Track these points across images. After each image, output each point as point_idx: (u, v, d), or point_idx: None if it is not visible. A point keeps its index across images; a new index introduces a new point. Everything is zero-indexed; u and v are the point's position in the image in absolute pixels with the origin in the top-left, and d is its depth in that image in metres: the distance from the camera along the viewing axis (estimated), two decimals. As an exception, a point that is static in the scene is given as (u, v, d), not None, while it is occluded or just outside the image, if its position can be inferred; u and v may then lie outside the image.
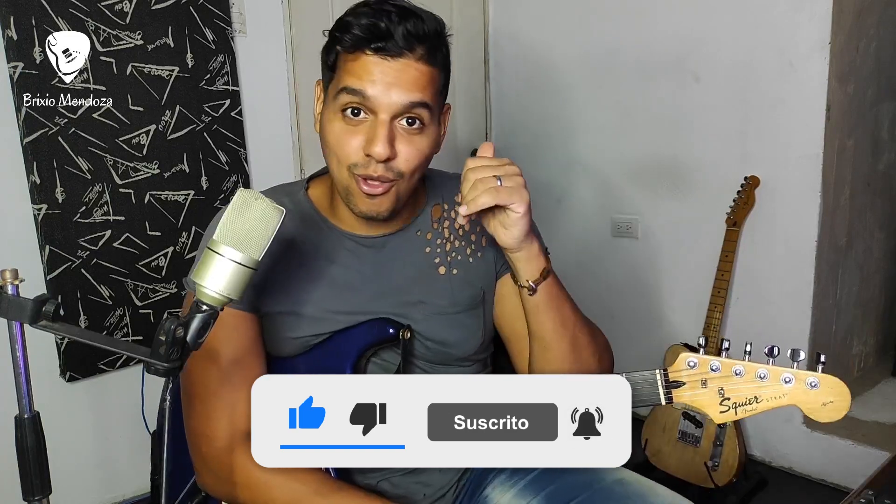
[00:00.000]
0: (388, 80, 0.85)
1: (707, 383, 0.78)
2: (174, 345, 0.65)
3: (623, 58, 2.38)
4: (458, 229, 1.04)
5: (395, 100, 0.86)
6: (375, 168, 0.87)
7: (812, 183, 1.99)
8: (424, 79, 0.88)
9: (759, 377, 0.76)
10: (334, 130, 0.89)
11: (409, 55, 0.86)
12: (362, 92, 0.85)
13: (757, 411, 0.77)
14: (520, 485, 1.03)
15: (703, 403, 0.78)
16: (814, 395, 0.76)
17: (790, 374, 0.76)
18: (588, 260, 2.62)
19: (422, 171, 0.94)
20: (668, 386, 0.79)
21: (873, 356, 2.47)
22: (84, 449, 1.94)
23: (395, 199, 0.92)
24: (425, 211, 1.04)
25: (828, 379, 0.76)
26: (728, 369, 0.77)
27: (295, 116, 2.24)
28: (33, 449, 0.67)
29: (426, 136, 0.91)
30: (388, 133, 0.86)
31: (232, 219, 0.69)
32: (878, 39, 2.12)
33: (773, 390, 0.76)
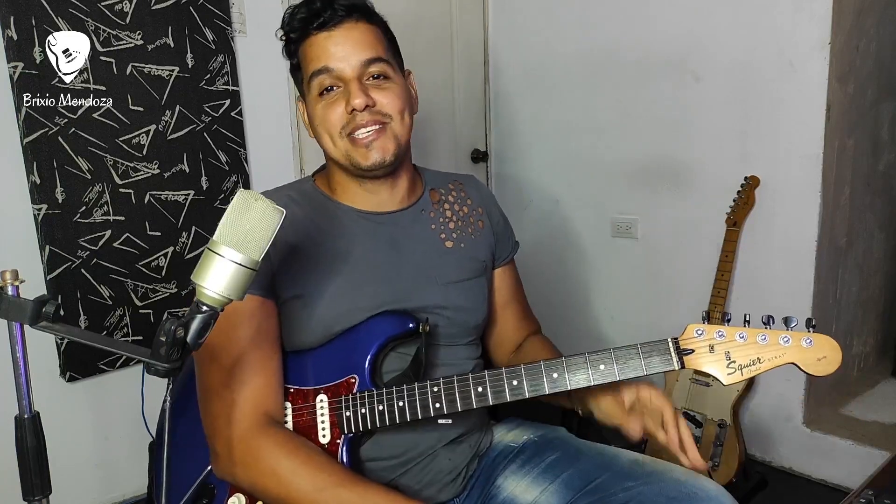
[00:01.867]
0: (342, 48, 0.97)
1: (714, 349, 0.86)
2: (174, 345, 0.65)
3: (623, 58, 2.38)
4: (458, 211, 1.14)
5: (355, 60, 0.97)
6: (362, 118, 0.97)
7: (812, 183, 1.99)
8: (370, 36, 0.99)
9: (760, 340, 0.85)
10: (318, 114, 1.00)
11: (349, 19, 0.98)
12: (326, 67, 0.97)
13: (761, 370, 0.85)
14: (534, 472, 1.05)
15: (712, 367, 0.86)
16: (809, 352, 0.84)
17: (787, 336, 0.84)
18: (588, 260, 2.62)
19: (410, 116, 1.03)
20: (680, 353, 0.87)
21: (873, 356, 2.47)
22: (84, 449, 1.94)
23: (395, 143, 1.00)
24: (424, 194, 1.12)
25: (820, 337, 0.84)
26: (732, 335, 0.86)
27: (295, 116, 2.24)
28: (33, 449, 0.68)
29: (396, 84, 1.01)
30: (360, 86, 0.97)
31: (232, 219, 0.69)
32: (878, 39, 2.12)
33: (774, 350, 0.85)
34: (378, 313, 1.00)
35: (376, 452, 1.01)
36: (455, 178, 1.20)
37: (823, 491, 2.07)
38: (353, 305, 0.99)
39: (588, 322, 2.57)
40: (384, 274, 1.02)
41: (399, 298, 1.02)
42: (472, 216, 1.15)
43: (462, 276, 1.09)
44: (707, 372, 0.86)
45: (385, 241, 1.05)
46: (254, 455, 0.91)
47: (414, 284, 1.03)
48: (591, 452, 1.05)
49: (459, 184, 1.18)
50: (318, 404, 0.97)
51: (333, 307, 0.99)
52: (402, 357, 1.01)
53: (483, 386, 0.91)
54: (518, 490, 1.04)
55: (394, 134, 1.00)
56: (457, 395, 0.91)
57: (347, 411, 0.95)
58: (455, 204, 1.14)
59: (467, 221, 1.14)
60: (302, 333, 1.00)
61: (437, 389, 0.93)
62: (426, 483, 1.04)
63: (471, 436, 1.10)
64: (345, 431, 0.95)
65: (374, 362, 0.97)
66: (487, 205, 1.19)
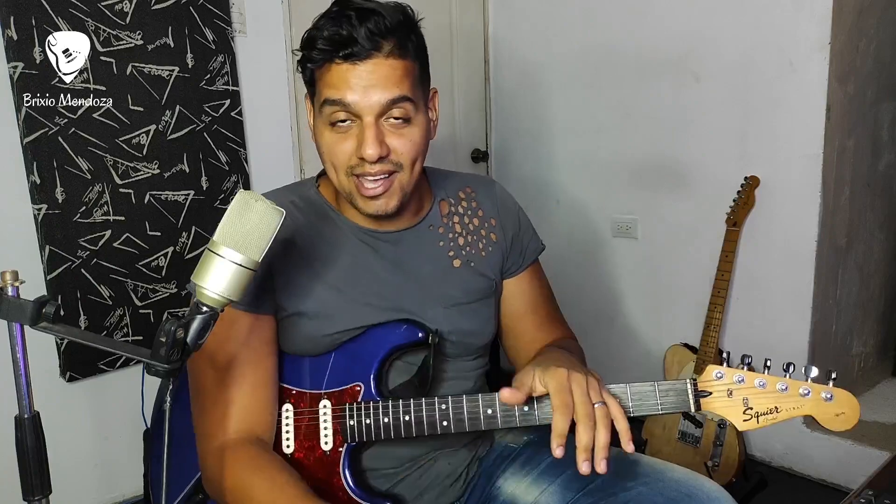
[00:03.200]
0: (364, 83, 0.86)
1: (732, 394, 0.85)
2: (174, 346, 0.65)
3: (623, 58, 2.38)
4: (468, 224, 1.07)
5: (375, 100, 0.87)
6: (372, 166, 0.89)
7: (812, 183, 1.99)
8: (398, 73, 0.88)
9: (779, 389, 0.84)
10: (326, 141, 0.92)
11: (378, 54, 0.86)
12: (342, 101, 0.87)
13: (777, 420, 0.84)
14: (533, 474, 1.04)
15: (728, 412, 0.85)
16: (827, 407, 0.83)
17: (807, 388, 0.83)
18: (588, 260, 2.62)
19: (422, 161, 0.95)
20: (697, 395, 0.86)
21: (873, 356, 2.47)
22: (84, 449, 1.94)
23: (400, 193, 0.93)
24: (434, 206, 1.06)
25: (840, 393, 0.84)
26: (751, 381, 0.85)
27: (295, 116, 2.24)
28: (33, 449, 0.68)
29: (415, 126, 0.92)
30: (376, 133, 0.88)
31: (232, 220, 0.69)
32: (878, 39, 2.12)
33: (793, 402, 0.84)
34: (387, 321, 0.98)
35: (376, 461, 1.00)
36: (469, 182, 1.12)
37: (823, 491, 2.07)
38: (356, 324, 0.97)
39: (588, 322, 2.57)
40: (388, 294, 0.99)
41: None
42: (483, 229, 1.08)
43: (469, 298, 1.04)
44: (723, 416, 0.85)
45: (389, 260, 1.01)
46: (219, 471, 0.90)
47: (418, 306, 1.00)
48: None
49: (471, 192, 1.10)
50: (322, 410, 0.96)
51: (342, 324, 0.97)
52: (408, 366, 1.00)
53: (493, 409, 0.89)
54: (518, 491, 1.04)
55: (400, 184, 0.92)
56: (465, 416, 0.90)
57: (351, 420, 0.94)
58: (465, 216, 1.07)
59: (478, 235, 1.07)
60: (304, 346, 0.98)
61: (445, 407, 0.90)
62: (425, 488, 1.04)
63: (471, 441, 1.10)
64: (348, 440, 0.94)
65: (379, 371, 0.96)
66: (502, 214, 1.10)
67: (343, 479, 0.95)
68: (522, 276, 1.12)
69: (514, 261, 1.11)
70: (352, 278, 0.99)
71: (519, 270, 1.12)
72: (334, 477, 0.95)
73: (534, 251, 1.14)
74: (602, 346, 2.53)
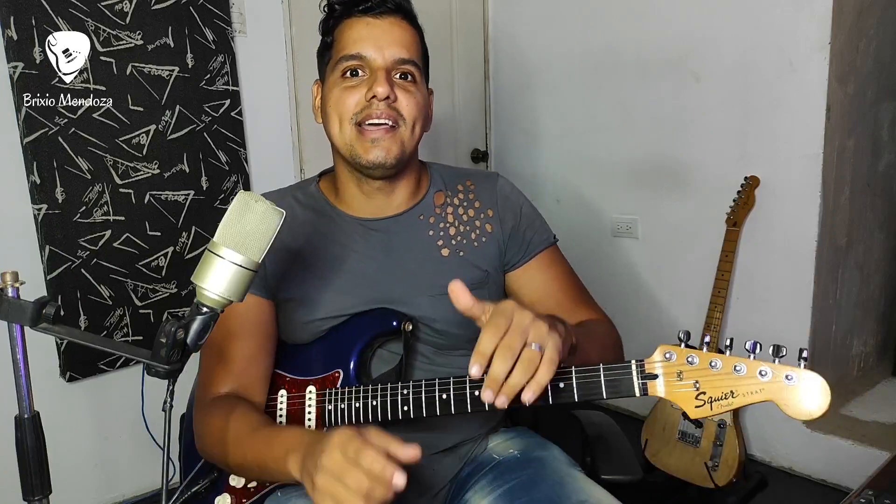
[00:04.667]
0: (381, 37, 0.96)
1: (682, 376, 0.75)
2: (175, 347, 0.65)
3: (623, 57, 2.38)
4: (462, 215, 1.09)
5: (388, 55, 0.96)
6: (378, 108, 0.95)
7: (812, 183, 1.99)
8: (409, 38, 0.99)
9: (735, 370, 0.72)
10: (334, 95, 0.98)
11: (395, 14, 0.97)
12: (359, 54, 0.96)
13: (732, 406, 0.73)
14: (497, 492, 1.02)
15: (678, 396, 0.75)
16: (790, 391, 0.71)
17: (767, 368, 0.71)
18: (588, 260, 2.61)
19: (421, 128, 1.01)
20: (644, 377, 0.77)
21: (873, 356, 2.47)
22: (84, 449, 1.94)
23: (400, 147, 0.98)
24: (427, 196, 1.09)
25: (805, 374, 0.71)
26: (705, 362, 0.74)
27: (295, 116, 2.24)
28: (33, 449, 0.68)
29: (419, 91, 1.00)
30: (387, 77, 0.95)
31: (232, 221, 0.69)
32: (878, 39, 2.12)
33: (749, 384, 0.72)
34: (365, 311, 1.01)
35: None
36: (471, 176, 1.13)
37: (823, 491, 2.07)
38: (341, 312, 1.01)
39: (588, 322, 2.56)
40: (375, 282, 1.02)
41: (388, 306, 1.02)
42: (477, 220, 1.08)
43: None
44: (671, 401, 0.75)
45: (378, 248, 1.03)
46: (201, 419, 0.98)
47: (404, 293, 1.01)
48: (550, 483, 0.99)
49: (471, 184, 1.11)
50: (307, 395, 1.00)
51: (322, 312, 1.01)
52: (391, 356, 1.02)
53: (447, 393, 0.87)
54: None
55: (401, 138, 0.97)
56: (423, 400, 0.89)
57: (330, 405, 0.97)
58: (460, 207, 1.09)
59: (472, 226, 1.08)
60: (294, 333, 1.03)
61: (406, 392, 0.90)
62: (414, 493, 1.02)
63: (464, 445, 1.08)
64: (326, 424, 0.97)
65: (359, 359, 0.99)
66: (501, 206, 1.10)
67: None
68: (529, 266, 1.11)
69: (516, 252, 1.10)
70: (339, 267, 1.02)
71: (523, 261, 1.10)
72: None
73: (540, 242, 1.12)
74: (602, 346, 2.53)
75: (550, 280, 1.12)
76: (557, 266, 1.15)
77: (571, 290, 1.14)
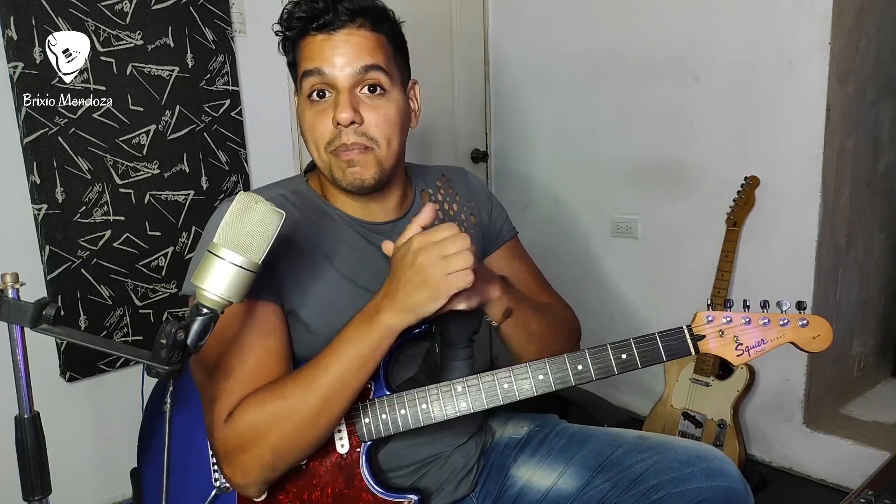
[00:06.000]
0: (338, 52, 0.92)
1: (724, 333, 0.92)
2: (175, 348, 0.65)
3: (623, 58, 2.38)
4: (449, 210, 1.11)
5: (349, 70, 0.92)
6: (347, 136, 0.92)
7: (812, 183, 1.99)
8: (370, 44, 0.93)
9: (762, 323, 0.92)
10: (306, 118, 0.96)
11: (351, 25, 0.92)
12: (318, 70, 0.92)
13: (765, 350, 0.92)
14: (548, 459, 1.07)
15: (723, 350, 0.92)
16: (805, 332, 0.91)
17: (785, 318, 0.91)
18: (588, 260, 2.62)
19: (399, 141, 0.98)
20: (694, 339, 0.92)
21: (873, 356, 2.47)
22: (84, 449, 1.94)
23: (377, 167, 0.96)
24: (416, 197, 1.10)
25: (813, 318, 0.92)
26: (738, 320, 0.92)
27: (295, 116, 2.23)
28: (33, 449, 0.68)
29: (389, 101, 0.95)
30: (350, 99, 0.92)
31: (232, 222, 0.69)
32: (878, 39, 2.12)
33: (775, 332, 0.91)
34: None
35: (393, 462, 1.00)
36: (443, 171, 1.17)
37: (823, 491, 2.07)
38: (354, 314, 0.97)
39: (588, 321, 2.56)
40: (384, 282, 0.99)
41: None
42: (462, 213, 1.13)
43: None
44: (718, 355, 0.92)
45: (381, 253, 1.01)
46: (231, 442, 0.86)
47: None
48: (597, 433, 1.08)
49: (447, 179, 1.15)
50: None
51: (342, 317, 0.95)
52: (409, 360, 1.00)
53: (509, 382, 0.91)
54: (535, 478, 1.06)
55: (377, 159, 0.95)
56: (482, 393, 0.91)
57: (366, 418, 0.93)
58: (444, 203, 1.12)
59: (459, 220, 1.12)
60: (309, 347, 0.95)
61: (462, 389, 0.92)
62: (444, 481, 1.05)
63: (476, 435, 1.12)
64: (365, 439, 0.94)
65: (387, 366, 0.96)
66: (478, 197, 1.16)
67: (365, 479, 0.93)
68: (498, 254, 1.17)
69: (490, 241, 1.16)
70: (355, 269, 1.00)
71: (493, 249, 1.17)
72: (355, 479, 0.93)
73: (508, 232, 1.19)
74: (602, 346, 2.53)
75: (518, 268, 1.18)
76: (522, 256, 1.21)
77: (536, 279, 1.20)
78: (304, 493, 0.93)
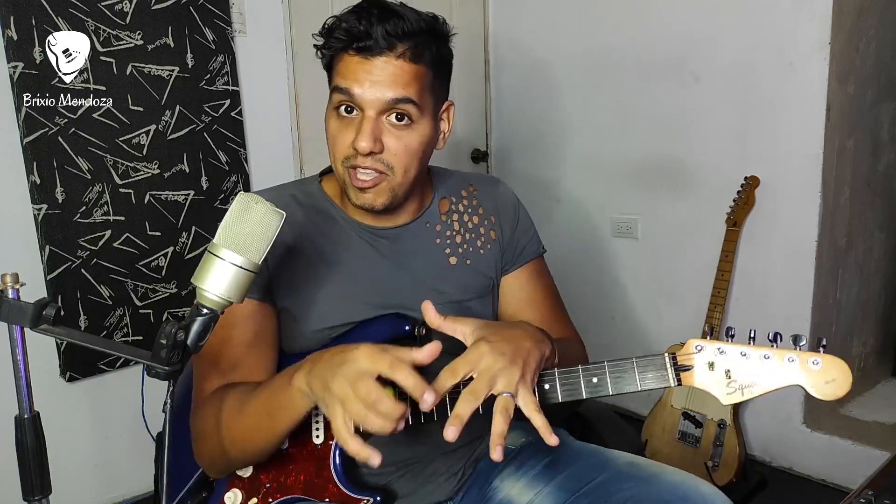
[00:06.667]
0: (371, 78, 0.89)
1: (714, 366, 0.81)
2: (175, 348, 0.65)
3: (623, 58, 2.38)
4: (468, 222, 1.08)
5: (378, 96, 0.90)
6: (364, 161, 0.92)
7: (812, 183, 1.99)
8: (407, 76, 0.91)
9: (763, 358, 0.79)
10: (331, 127, 0.95)
11: (390, 53, 0.89)
12: (348, 90, 0.91)
13: (763, 391, 0.79)
14: (530, 474, 1.04)
15: (710, 386, 0.81)
16: (816, 374, 0.78)
17: (793, 355, 0.78)
18: (588, 260, 2.62)
19: (418, 168, 0.97)
20: (677, 369, 0.82)
21: (873, 356, 2.47)
22: (84, 449, 1.94)
23: (389, 194, 0.95)
24: (433, 204, 1.08)
25: (829, 359, 0.78)
26: (734, 352, 0.80)
27: (295, 116, 2.24)
28: (33, 449, 0.68)
29: (415, 131, 0.94)
30: (373, 128, 0.90)
31: (232, 222, 0.69)
32: (878, 39, 2.12)
33: (777, 370, 0.79)
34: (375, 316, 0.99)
35: None
36: (472, 181, 1.13)
37: (823, 491, 2.07)
38: (350, 319, 0.98)
39: (588, 322, 2.57)
40: (383, 289, 1.00)
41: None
42: (482, 227, 1.09)
43: (464, 296, 1.05)
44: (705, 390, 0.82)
45: (385, 256, 1.02)
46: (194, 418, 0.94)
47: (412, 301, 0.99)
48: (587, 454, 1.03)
49: (473, 189, 1.12)
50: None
51: (332, 320, 0.98)
52: None
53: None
54: (514, 492, 1.03)
55: (390, 186, 0.94)
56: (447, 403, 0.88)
57: None
58: (465, 214, 1.09)
59: (477, 233, 1.08)
60: (299, 342, 0.99)
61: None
62: (421, 483, 1.04)
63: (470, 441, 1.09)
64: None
65: None
66: (501, 212, 1.12)
67: (333, 471, 0.94)
68: (518, 273, 1.12)
69: (510, 258, 1.12)
70: (349, 275, 1.00)
71: (513, 268, 1.12)
72: (324, 470, 0.94)
73: (532, 252, 1.14)
74: (602, 346, 2.53)
75: (534, 290, 1.14)
76: (544, 278, 1.17)
77: (553, 305, 1.16)
78: (282, 476, 0.95)
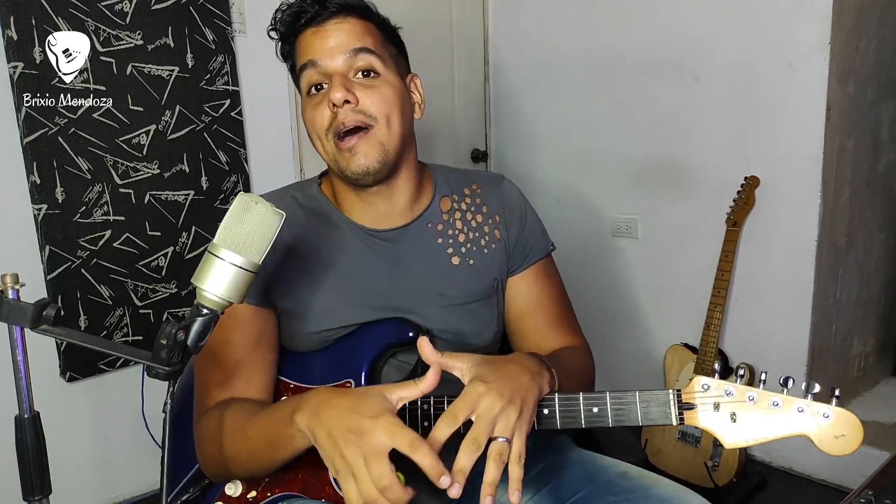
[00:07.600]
0: (329, 41, 0.93)
1: (720, 407, 0.78)
2: (175, 348, 0.65)
3: (623, 58, 2.38)
4: (471, 221, 1.06)
5: (339, 54, 0.93)
6: (344, 115, 0.92)
7: (812, 183, 1.99)
8: (360, 29, 0.94)
9: (772, 405, 0.77)
10: (308, 116, 0.96)
11: (339, 15, 0.94)
12: (312, 61, 0.93)
13: (768, 439, 0.78)
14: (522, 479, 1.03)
15: (714, 427, 0.78)
16: (826, 427, 0.75)
17: (803, 405, 0.76)
18: (588, 260, 2.62)
19: (401, 123, 0.96)
20: (681, 407, 0.79)
21: (873, 356, 2.47)
22: (84, 449, 1.94)
23: (380, 150, 0.94)
24: (434, 203, 1.05)
25: (841, 412, 0.75)
26: (742, 395, 0.77)
27: (295, 116, 2.24)
28: (33, 449, 0.68)
29: (384, 83, 0.95)
30: (342, 81, 0.92)
31: (232, 222, 0.69)
32: (878, 39, 2.12)
33: (786, 418, 0.77)
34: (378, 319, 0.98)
35: None
36: (475, 178, 1.11)
37: (823, 491, 2.07)
38: (350, 322, 0.98)
39: (588, 322, 2.56)
40: (383, 291, 0.99)
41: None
42: (486, 226, 1.06)
43: (467, 299, 1.02)
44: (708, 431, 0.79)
45: (386, 256, 1.01)
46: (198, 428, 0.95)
47: (413, 303, 0.99)
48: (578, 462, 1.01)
49: (477, 187, 1.09)
50: None
51: (331, 322, 0.97)
52: (402, 366, 0.99)
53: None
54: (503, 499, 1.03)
55: (378, 140, 0.93)
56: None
57: None
58: (468, 213, 1.06)
59: (481, 233, 1.05)
60: (299, 342, 1.00)
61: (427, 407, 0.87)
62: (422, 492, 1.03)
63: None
64: None
65: (371, 368, 0.95)
66: (507, 211, 1.08)
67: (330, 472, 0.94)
68: (526, 274, 1.09)
69: (517, 259, 1.09)
70: (346, 278, 0.99)
71: (521, 269, 1.09)
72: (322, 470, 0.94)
73: (539, 251, 1.11)
74: (602, 346, 2.53)
75: (542, 292, 1.11)
76: (551, 278, 1.14)
77: (560, 308, 1.13)
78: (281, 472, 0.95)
